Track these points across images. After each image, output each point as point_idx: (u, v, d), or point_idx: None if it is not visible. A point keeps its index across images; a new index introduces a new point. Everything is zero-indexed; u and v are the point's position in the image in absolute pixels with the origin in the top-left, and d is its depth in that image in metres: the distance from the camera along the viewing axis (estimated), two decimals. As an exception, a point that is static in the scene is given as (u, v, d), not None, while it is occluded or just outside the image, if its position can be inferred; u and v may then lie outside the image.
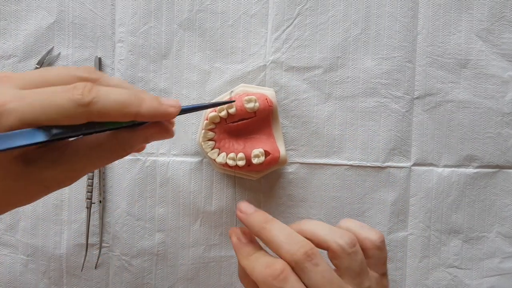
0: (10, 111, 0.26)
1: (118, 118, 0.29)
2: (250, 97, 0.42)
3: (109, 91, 0.28)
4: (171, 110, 0.30)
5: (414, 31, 0.46)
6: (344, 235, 0.32)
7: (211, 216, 0.46)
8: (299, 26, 0.46)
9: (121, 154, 0.32)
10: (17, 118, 0.26)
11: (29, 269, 0.46)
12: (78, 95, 0.27)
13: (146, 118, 0.30)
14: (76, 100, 0.27)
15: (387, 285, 0.34)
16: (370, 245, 0.33)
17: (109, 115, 0.28)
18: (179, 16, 0.46)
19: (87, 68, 0.30)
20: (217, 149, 0.43)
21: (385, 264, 0.33)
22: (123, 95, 0.29)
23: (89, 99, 0.27)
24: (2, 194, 0.30)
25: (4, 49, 0.45)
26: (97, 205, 0.46)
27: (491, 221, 0.48)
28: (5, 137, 0.26)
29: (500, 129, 0.47)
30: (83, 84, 0.28)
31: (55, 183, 0.31)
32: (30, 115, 0.26)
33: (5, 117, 0.26)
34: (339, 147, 0.47)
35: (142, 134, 0.31)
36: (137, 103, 0.29)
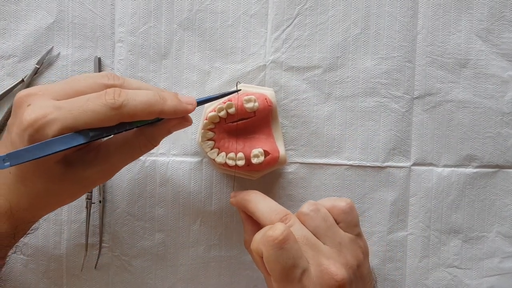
0: (52, 121, 0.30)
1: (145, 117, 0.33)
2: (249, 97, 0.42)
3: (135, 93, 0.32)
4: (189, 107, 0.35)
5: (414, 30, 0.46)
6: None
7: (211, 216, 0.46)
8: (299, 26, 0.46)
9: (149, 147, 0.36)
10: (59, 126, 0.30)
11: (29, 269, 0.46)
12: (110, 99, 0.31)
13: (169, 115, 0.34)
14: (109, 105, 0.31)
15: (363, 245, 0.37)
16: (337, 211, 0.37)
17: (137, 115, 0.32)
18: (179, 16, 0.46)
19: (110, 75, 0.34)
20: (216, 149, 0.43)
21: (356, 226, 0.37)
22: (148, 96, 0.33)
23: (119, 102, 0.31)
24: (47, 196, 0.34)
25: (4, 49, 0.45)
26: (97, 205, 0.46)
27: (491, 221, 0.48)
28: (50, 143, 0.30)
29: (500, 129, 0.47)
30: (113, 89, 0.32)
31: (93, 181, 0.35)
32: (69, 123, 0.30)
33: (48, 126, 0.30)
34: (339, 147, 0.47)
35: (165, 127, 0.35)
36: (161, 102, 0.33)
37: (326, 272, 0.33)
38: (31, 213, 0.35)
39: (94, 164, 0.34)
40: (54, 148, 0.30)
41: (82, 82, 0.33)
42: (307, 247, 0.34)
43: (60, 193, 0.34)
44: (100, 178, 0.35)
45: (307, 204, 0.37)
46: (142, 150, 0.36)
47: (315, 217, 0.36)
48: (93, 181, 0.35)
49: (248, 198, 0.39)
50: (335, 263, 0.33)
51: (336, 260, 0.34)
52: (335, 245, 0.35)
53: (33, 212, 0.35)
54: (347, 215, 0.37)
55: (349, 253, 0.35)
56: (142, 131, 0.35)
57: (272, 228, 0.33)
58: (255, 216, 0.38)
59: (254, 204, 0.38)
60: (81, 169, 0.34)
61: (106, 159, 0.35)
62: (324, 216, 0.36)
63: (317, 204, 0.37)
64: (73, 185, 0.34)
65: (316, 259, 0.33)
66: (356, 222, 0.37)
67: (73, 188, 0.35)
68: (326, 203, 0.38)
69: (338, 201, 0.37)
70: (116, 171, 0.36)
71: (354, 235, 0.37)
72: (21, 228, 0.36)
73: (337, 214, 0.37)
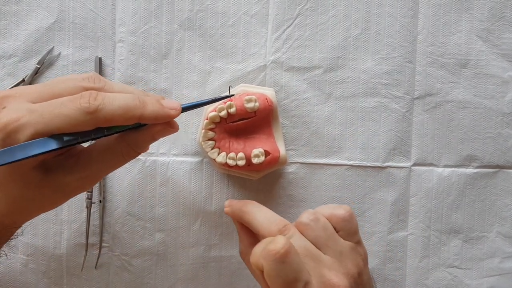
0: (24, 125, 0.29)
1: (123, 122, 0.31)
2: (250, 97, 0.42)
3: (113, 97, 0.30)
4: (172, 112, 0.33)
5: (414, 31, 0.46)
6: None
7: (211, 216, 0.46)
8: (300, 26, 0.46)
9: (132, 154, 0.34)
10: (31, 130, 0.29)
11: (29, 269, 0.46)
12: (84, 103, 0.29)
13: (149, 120, 0.32)
14: (83, 109, 0.29)
15: (363, 253, 0.37)
16: (336, 219, 0.36)
17: (115, 119, 0.30)
18: (180, 16, 0.46)
19: (92, 77, 0.32)
20: (217, 149, 0.43)
21: (356, 234, 0.36)
22: (126, 100, 0.31)
23: (94, 106, 0.29)
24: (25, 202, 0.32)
25: (5, 49, 0.45)
26: (97, 205, 0.46)
27: (491, 221, 0.48)
28: (21, 148, 0.28)
29: (500, 129, 0.47)
30: (88, 93, 0.30)
31: (73, 189, 0.33)
32: (42, 127, 0.29)
33: (20, 131, 0.28)
34: (339, 147, 0.47)
35: (148, 133, 0.34)
36: (141, 106, 0.31)
37: (328, 283, 0.32)
38: (10, 218, 0.34)
39: (74, 171, 0.32)
40: (25, 153, 0.28)
41: (60, 84, 0.31)
42: (308, 258, 0.33)
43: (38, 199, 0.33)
44: (81, 185, 0.33)
45: (306, 213, 0.36)
46: (125, 158, 0.34)
47: (315, 227, 0.35)
48: (73, 188, 0.33)
49: (245, 210, 0.37)
50: (337, 274, 0.33)
51: (337, 271, 0.33)
52: (336, 255, 0.34)
53: (12, 217, 0.34)
54: (346, 223, 0.36)
55: (350, 262, 0.34)
56: (124, 138, 0.33)
57: (272, 241, 0.31)
58: (253, 228, 0.37)
59: (252, 215, 0.37)
60: (60, 175, 0.32)
61: (87, 166, 0.33)
62: (324, 226, 0.35)
63: (316, 213, 0.36)
64: (53, 192, 0.33)
65: (317, 271, 0.33)
66: (355, 229, 0.36)
67: (53, 195, 0.33)
68: (325, 211, 0.37)
69: (337, 209, 0.36)
70: (98, 179, 0.35)
71: (354, 243, 0.36)
72: (2, 233, 0.35)
73: (337, 222, 0.36)
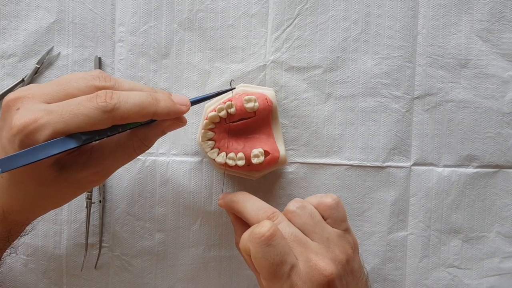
0: (43, 125, 0.29)
1: (138, 119, 0.32)
2: (249, 97, 0.42)
3: (128, 95, 0.31)
4: (183, 108, 0.34)
5: (414, 31, 0.46)
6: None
7: (211, 216, 0.46)
8: (299, 26, 0.46)
9: (143, 148, 0.35)
10: (50, 130, 0.29)
11: (29, 269, 0.46)
12: (101, 102, 0.30)
13: (162, 116, 0.33)
14: (100, 108, 0.30)
15: (352, 240, 0.37)
16: (324, 207, 0.37)
17: (130, 117, 0.31)
18: (179, 15, 0.46)
19: (102, 76, 0.33)
20: (216, 149, 0.43)
21: (344, 221, 0.37)
22: (141, 97, 0.32)
23: (112, 105, 0.30)
24: (39, 199, 0.33)
25: (4, 49, 0.45)
26: (97, 205, 0.46)
27: (491, 221, 0.48)
28: (42, 148, 0.29)
29: (500, 129, 0.47)
30: (104, 92, 0.31)
31: (87, 184, 0.34)
32: (61, 127, 0.29)
33: (39, 131, 0.29)
34: (339, 147, 0.47)
35: (159, 128, 0.35)
36: (154, 103, 0.32)
37: (315, 267, 0.33)
38: (24, 215, 0.35)
39: (87, 167, 0.33)
40: (46, 153, 0.29)
41: (73, 83, 0.32)
42: (295, 243, 0.34)
43: (53, 195, 0.34)
44: (94, 180, 0.34)
45: (293, 201, 0.37)
46: (136, 152, 0.35)
47: (301, 214, 0.36)
48: (87, 183, 0.34)
49: (235, 199, 0.39)
50: (324, 259, 0.33)
51: (324, 256, 0.34)
52: (323, 241, 0.35)
53: (26, 214, 0.35)
54: (333, 210, 0.37)
55: (338, 248, 0.35)
56: (135, 133, 0.35)
57: (258, 225, 0.33)
58: (243, 216, 0.38)
59: (242, 204, 0.38)
60: (74, 171, 0.33)
61: (100, 161, 0.34)
62: (311, 213, 0.36)
63: (303, 201, 0.37)
64: (67, 188, 0.34)
65: (304, 255, 0.33)
66: (343, 217, 0.37)
67: (67, 191, 0.34)
68: (313, 200, 0.38)
69: (324, 198, 0.37)
70: (110, 173, 0.36)
71: (342, 230, 0.37)
72: (15, 230, 0.36)
73: (324, 210, 0.37)
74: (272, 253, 0.32)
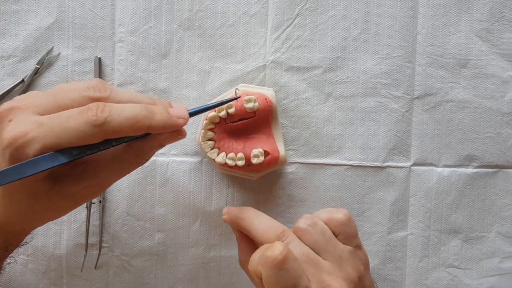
0: (33, 139, 0.28)
1: (132, 133, 0.31)
2: (249, 97, 0.42)
3: (120, 108, 0.30)
4: (180, 121, 0.33)
5: (414, 31, 0.46)
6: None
7: (211, 216, 0.46)
8: (299, 26, 0.46)
9: (140, 162, 0.34)
10: (40, 145, 0.28)
11: (29, 269, 0.46)
12: (92, 116, 0.29)
13: (157, 130, 0.32)
14: (91, 122, 0.29)
15: (363, 257, 0.36)
16: (335, 223, 0.36)
17: (123, 131, 0.30)
18: (179, 16, 0.46)
19: (97, 86, 0.31)
20: (216, 149, 0.43)
21: (355, 238, 0.36)
22: (134, 110, 0.30)
23: (102, 119, 0.29)
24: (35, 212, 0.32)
25: (4, 49, 0.45)
26: (97, 205, 0.46)
27: (491, 221, 0.48)
28: (32, 163, 0.28)
29: (500, 129, 0.47)
30: (96, 104, 0.29)
31: (82, 197, 0.33)
32: (51, 141, 0.28)
33: (29, 146, 0.28)
34: (339, 147, 0.47)
35: (156, 141, 0.33)
36: (149, 117, 0.31)
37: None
38: (21, 226, 0.34)
39: (82, 180, 0.32)
40: (34, 169, 0.28)
41: (67, 94, 0.31)
42: (307, 264, 0.33)
43: (48, 208, 0.33)
44: (89, 193, 0.33)
45: (304, 218, 0.35)
46: (133, 166, 0.34)
47: (313, 232, 0.35)
48: (81, 196, 0.33)
49: (242, 216, 0.37)
50: (337, 279, 0.33)
51: (337, 276, 0.33)
52: (335, 260, 0.34)
53: (23, 225, 0.34)
54: (345, 226, 0.36)
55: (350, 266, 0.34)
56: (131, 146, 0.33)
57: (270, 248, 0.31)
58: (250, 234, 0.36)
59: (249, 221, 0.36)
60: (68, 184, 0.32)
61: (94, 175, 0.33)
62: (322, 230, 0.35)
63: (314, 217, 0.36)
64: (61, 201, 0.32)
65: (317, 276, 0.32)
66: (354, 233, 0.36)
67: (62, 204, 0.33)
68: (323, 215, 0.36)
69: (335, 213, 0.36)
70: (106, 187, 0.35)
71: (353, 247, 0.36)
72: (13, 241, 0.35)
73: (335, 227, 0.36)
74: (285, 277, 0.30)
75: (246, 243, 0.38)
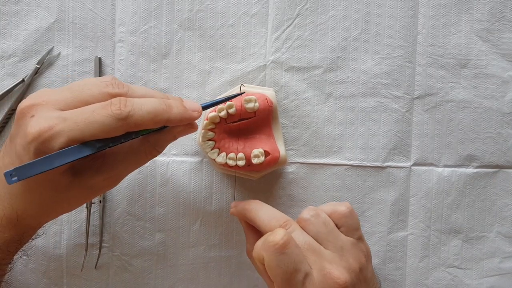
0: (58, 133, 0.29)
1: (151, 126, 0.32)
2: (250, 97, 0.42)
3: (141, 102, 0.32)
4: (195, 114, 0.35)
5: (414, 31, 0.46)
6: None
7: (211, 216, 0.46)
8: (299, 26, 0.46)
9: (154, 154, 0.36)
10: (65, 138, 0.30)
11: (29, 269, 0.46)
12: (116, 110, 0.30)
13: (175, 123, 0.34)
14: (115, 116, 0.30)
15: (365, 249, 0.37)
16: (338, 215, 0.37)
17: (144, 124, 0.32)
18: (179, 16, 0.46)
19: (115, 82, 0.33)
20: (217, 149, 0.43)
21: (357, 230, 0.37)
22: (154, 105, 0.32)
23: (126, 113, 0.30)
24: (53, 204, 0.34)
25: (4, 49, 0.45)
26: (97, 205, 0.46)
27: (491, 221, 0.48)
28: (57, 156, 0.30)
29: (500, 129, 0.47)
30: (118, 99, 0.31)
31: (100, 188, 0.35)
32: (76, 134, 0.30)
33: (54, 139, 0.29)
34: (339, 147, 0.47)
35: (171, 133, 0.35)
36: (167, 110, 0.32)
37: (329, 276, 0.33)
38: (37, 220, 0.35)
39: (101, 172, 0.34)
40: (61, 161, 0.30)
41: (86, 90, 0.32)
42: (309, 252, 0.34)
43: (66, 200, 0.34)
44: (107, 185, 0.35)
45: (307, 209, 0.37)
46: (148, 157, 0.36)
47: (315, 222, 0.36)
48: (99, 188, 0.35)
49: (248, 208, 0.39)
50: (338, 267, 0.34)
51: (338, 264, 0.34)
52: (337, 250, 0.35)
53: (39, 219, 0.35)
54: (347, 219, 0.37)
55: (351, 257, 0.35)
56: (147, 138, 0.35)
57: (272, 233, 0.33)
58: (256, 224, 0.38)
59: (254, 212, 0.38)
60: (87, 177, 0.33)
61: (113, 167, 0.34)
62: (325, 221, 0.36)
63: (317, 209, 0.37)
64: (80, 193, 0.34)
65: (318, 264, 0.33)
66: (356, 225, 0.37)
67: (80, 196, 0.34)
68: (326, 208, 0.38)
69: (338, 206, 0.37)
70: (121, 178, 0.36)
71: (355, 239, 0.37)
72: (27, 234, 0.36)
73: (338, 219, 0.37)
74: (286, 261, 0.32)
75: (253, 234, 0.40)
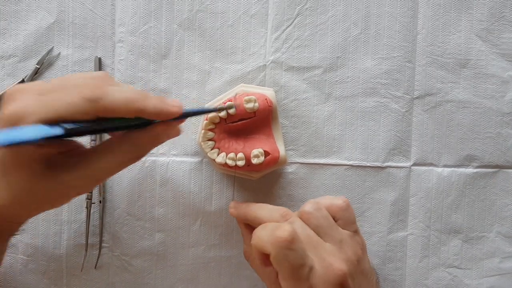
0: (30, 112, 0.29)
1: (125, 113, 0.31)
2: (249, 97, 0.42)
3: (116, 89, 0.31)
4: (174, 109, 0.33)
5: (414, 31, 0.46)
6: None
7: (211, 216, 0.46)
8: (299, 26, 0.46)
9: (135, 155, 0.34)
10: (36, 118, 0.29)
11: (29, 269, 0.46)
12: (87, 91, 0.30)
13: (151, 115, 0.32)
14: (85, 96, 0.30)
15: (361, 241, 0.38)
16: (335, 208, 0.37)
17: (116, 110, 0.31)
18: (179, 16, 0.46)
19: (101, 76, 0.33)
20: (216, 149, 0.43)
21: (354, 223, 0.38)
22: (128, 92, 0.32)
23: (96, 95, 0.30)
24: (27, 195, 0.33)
25: (4, 49, 0.45)
26: (97, 205, 0.46)
27: (491, 221, 0.48)
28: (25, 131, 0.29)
29: (500, 129, 0.47)
30: (93, 84, 0.31)
31: (74, 187, 0.34)
32: (46, 115, 0.30)
33: (26, 118, 0.29)
34: (339, 147, 0.47)
35: (151, 133, 0.34)
36: (142, 99, 0.32)
37: (330, 268, 0.34)
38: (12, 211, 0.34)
39: (75, 169, 0.33)
40: (27, 135, 0.29)
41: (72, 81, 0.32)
42: (310, 245, 0.35)
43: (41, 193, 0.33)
44: (82, 185, 0.34)
45: (309, 203, 0.37)
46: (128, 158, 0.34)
47: (318, 216, 0.36)
48: (73, 187, 0.33)
49: (248, 209, 0.40)
50: (337, 259, 0.34)
51: (338, 257, 0.35)
52: (336, 243, 0.36)
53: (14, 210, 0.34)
54: (345, 212, 0.38)
55: (349, 249, 0.36)
56: (126, 137, 0.34)
57: (280, 229, 0.33)
58: (258, 219, 0.39)
59: (254, 210, 0.39)
60: (61, 172, 0.32)
61: (88, 165, 0.33)
62: (325, 215, 0.37)
63: (318, 203, 0.37)
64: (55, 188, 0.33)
65: (319, 257, 0.34)
66: (353, 219, 0.38)
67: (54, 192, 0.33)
68: (324, 201, 0.38)
69: (335, 200, 0.38)
70: (99, 180, 0.35)
71: (352, 232, 0.38)
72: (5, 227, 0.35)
73: (335, 212, 0.37)
74: (293, 256, 0.32)
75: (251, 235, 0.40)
